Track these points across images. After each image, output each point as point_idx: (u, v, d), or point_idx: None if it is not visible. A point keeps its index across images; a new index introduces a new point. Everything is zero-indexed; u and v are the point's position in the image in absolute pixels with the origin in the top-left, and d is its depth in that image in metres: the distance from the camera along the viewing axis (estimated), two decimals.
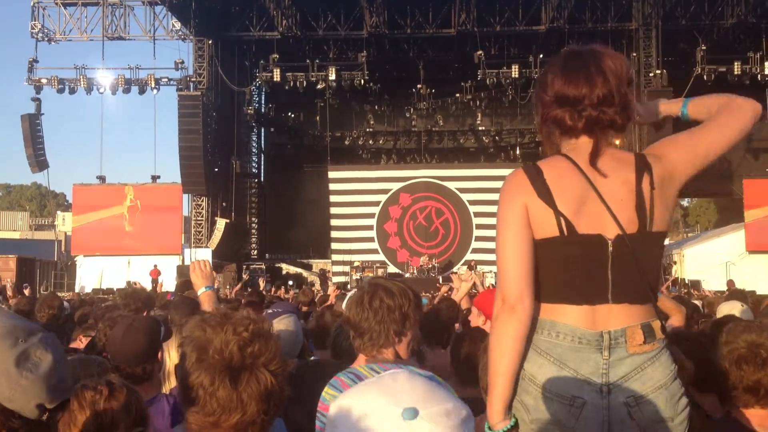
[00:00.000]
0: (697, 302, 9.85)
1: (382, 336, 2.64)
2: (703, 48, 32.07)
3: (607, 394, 2.18)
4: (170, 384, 3.60)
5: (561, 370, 2.20)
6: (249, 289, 15.82)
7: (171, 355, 3.61)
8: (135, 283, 26.86)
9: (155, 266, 31.30)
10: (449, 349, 3.95)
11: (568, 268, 2.26)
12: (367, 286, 2.81)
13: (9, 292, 13.88)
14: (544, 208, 2.27)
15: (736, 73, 31.65)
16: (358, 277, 30.68)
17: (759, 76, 31.91)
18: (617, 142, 2.43)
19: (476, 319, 4.58)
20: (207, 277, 3.67)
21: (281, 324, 3.26)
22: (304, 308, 9.40)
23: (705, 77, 31.70)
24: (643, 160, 2.33)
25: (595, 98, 2.31)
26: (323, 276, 33.58)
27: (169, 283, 28.22)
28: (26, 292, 16.19)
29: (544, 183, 2.29)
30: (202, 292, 3.62)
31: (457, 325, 4.90)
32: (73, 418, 2.27)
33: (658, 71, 32.13)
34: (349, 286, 27.62)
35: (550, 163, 2.36)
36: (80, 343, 6.11)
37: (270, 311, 3.38)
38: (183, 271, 25.95)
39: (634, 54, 32.96)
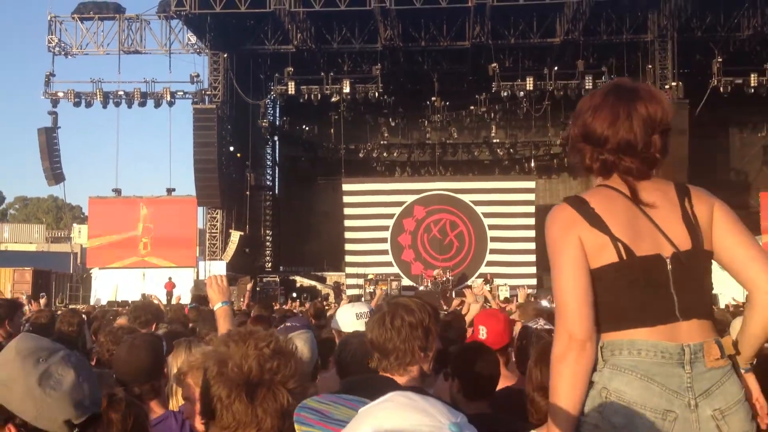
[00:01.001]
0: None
1: (408, 354, 2.65)
2: (719, 60, 31.89)
3: (695, 407, 2.18)
4: (176, 400, 3.57)
5: (650, 384, 2.19)
6: (251, 303, 15.73)
7: (174, 370, 3.59)
8: (151, 296, 26.93)
9: (170, 279, 31.38)
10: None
11: (633, 293, 2.25)
12: (386, 306, 2.80)
13: (27, 306, 13.89)
14: (599, 236, 2.26)
15: (752, 84, 31.46)
16: (371, 290, 30.59)
17: None
18: None
19: (476, 334, 4.44)
20: (223, 293, 3.66)
21: (297, 340, 3.19)
22: (314, 321, 9.35)
23: (721, 89, 31.54)
24: (683, 187, 2.38)
25: (616, 144, 2.32)
26: (337, 289, 33.54)
27: (184, 296, 28.30)
28: (42, 301, 16.23)
29: (593, 211, 2.29)
30: (219, 308, 3.60)
31: None
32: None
33: (674, 83, 31.96)
34: (363, 299, 27.58)
35: (593, 192, 2.37)
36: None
37: (287, 325, 3.33)
38: (199, 286, 26.01)
39: (650, 66, 32.84)
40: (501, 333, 4.34)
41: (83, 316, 8.68)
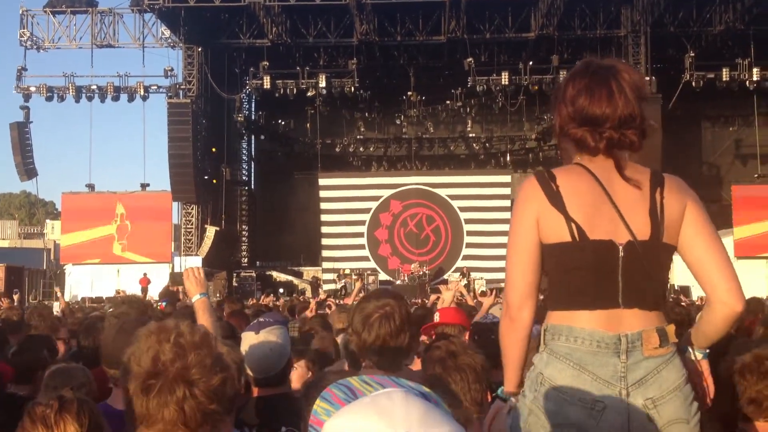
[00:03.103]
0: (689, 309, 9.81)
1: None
2: (692, 55, 32.24)
3: (626, 397, 2.21)
4: None
5: (581, 374, 2.23)
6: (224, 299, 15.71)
7: None
8: (122, 292, 26.73)
9: (144, 274, 31.17)
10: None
11: (579, 274, 2.29)
12: (378, 304, 2.86)
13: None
14: (555, 214, 2.30)
15: (724, 79, 31.83)
16: (342, 285, 30.64)
17: (747, 82, 32.07)
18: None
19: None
20: (201, 284, 3.65)
21: (270, 335, 3.19)
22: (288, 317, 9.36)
23: (693, 84, 31.89)
24: (659, 176, 2.38)
25: (617, 119, 2.33)
26: (315, 284, 33.51)
27: (157, 291, 28.11)
28: (15, 297, 16.06)
29: (556, 189, 2.32)
30: (197, 299, 3.58)
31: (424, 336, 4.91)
32: None
33: (647, 78, 32.20)
34: (342, 293, 27.60)
35: (565, 170, 2.41)
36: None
37: (260, 320, 3.33)
38: (176, 278, 25.84)
39: (623, 61, 33.05)
40: (452, 314, 4.92)
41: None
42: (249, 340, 3.17)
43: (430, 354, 3.07)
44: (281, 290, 31.83)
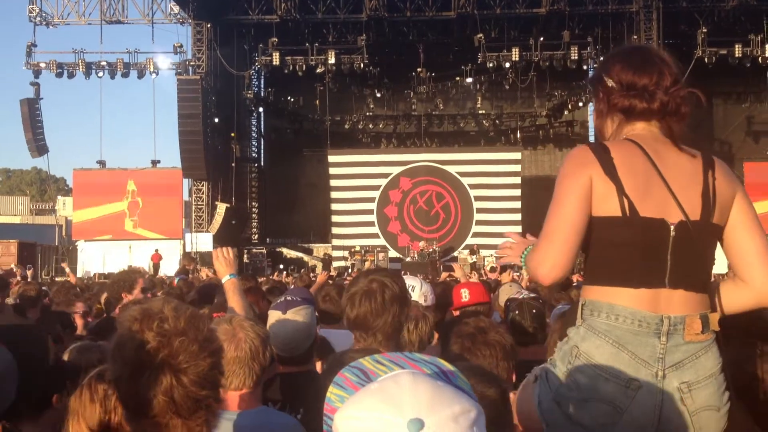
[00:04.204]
0: None
1: (400, 329, 2.78)
2: (704, 30, 31.92)
3: (662, 378, 2.20)
4: None
5: (619, 352, 2.21)
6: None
7: None
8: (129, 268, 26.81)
9: (156, 251, 31.33)
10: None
11: (626, 251, 2.25)
12: (368, 279, 2.84)
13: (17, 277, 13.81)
14: (609, 186, 2.24)
15: (737, 55, 31.53)
16: (352, 263, 30.68)
17: (760, 58, 31.77)
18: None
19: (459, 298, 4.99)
20: (230, 265, 3.67)
21: (297, 315, 3.22)
22: None
23: (706, 60, 31.60)
24: (710, 158, 2.37)
25: (666, 84, 2.35)
26: (327, 260, 33.56)
27: (170, 268, 28.28)
28: (29, 273, 16.18)
29: (611, 161, 2.26)
30: (227, 280, 3.61)
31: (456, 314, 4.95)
32: (82, 409, 2.25)
33: None
34: (349, 270, 27.65)
35: (617, 144, 2.35)
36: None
37: (288, 298, 3.33)
38: (205, 259, 25.82)
39: (635, 36, 32.76)
40: (480, 291, 4.91)
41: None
42: (275, 318, 3.20)
43: (459, 329, 3.11)
44: (291, 267, 31.93)
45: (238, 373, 2.58)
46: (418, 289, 4.58)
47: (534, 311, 4.19)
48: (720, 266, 2.54)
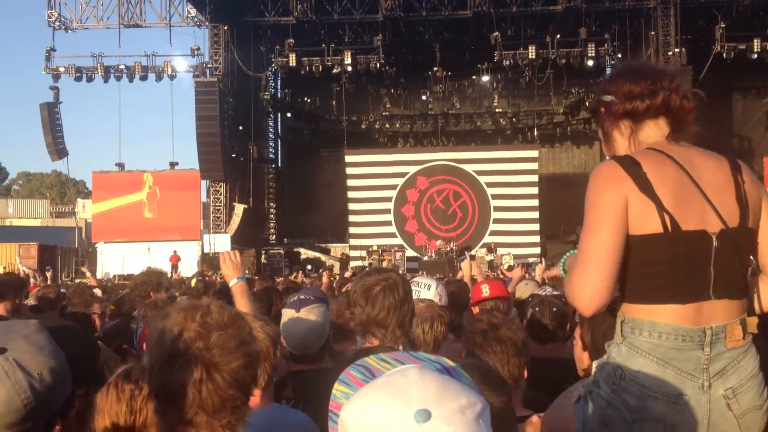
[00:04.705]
0: None
1: (404, 327, 2.76)
2: (722, 25, 31.63)
3: (707, 388, 2.18)
4: None
5: (665, 369, 2.18)
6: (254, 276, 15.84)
7: None
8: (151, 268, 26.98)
9: (175, 252, 31.51)
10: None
11: (670, 268, 2.18)
12: (378, 279, 2.84)
13: (33, 280, 13.93)
14: (647, 203, 2.17)
15: (755, 50, 31.22)
16: (370, 262, 30.67)
17: None
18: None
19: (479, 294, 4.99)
20: (238, 268, 3.66)
21: (311, 314, 3.21)
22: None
23: (724, 55, 31.32)
24: (736, 161, 2.33)
25: (665, 83, 2.34)
26: (345, 260, 33.60)
27: (188, 269, 28.44)
28: (48, 274, 16.30)
29: (645, 175, 2.19)
30: (234, 284, 3.61)
31: (476, 309, 4.93)
32: (108, 407, 2.23)
33: (676, 50, 31.71)
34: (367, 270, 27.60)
35: (645, 155, 2.26)
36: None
37: (301, 297, 3.34)
38: (208, 260, 25.92)
39: (653, 33, 32.57)
40: (500, 287, 4.94)
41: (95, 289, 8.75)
42: (289, 317, 3.21)
43: (472, 326, 3.11)
44: (309, 267, 32.01)
45: None
46: (433, 288, 4.58)
47: (555, 309, 4.14)
48: None
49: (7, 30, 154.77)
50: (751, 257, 2.32)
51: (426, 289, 4.54)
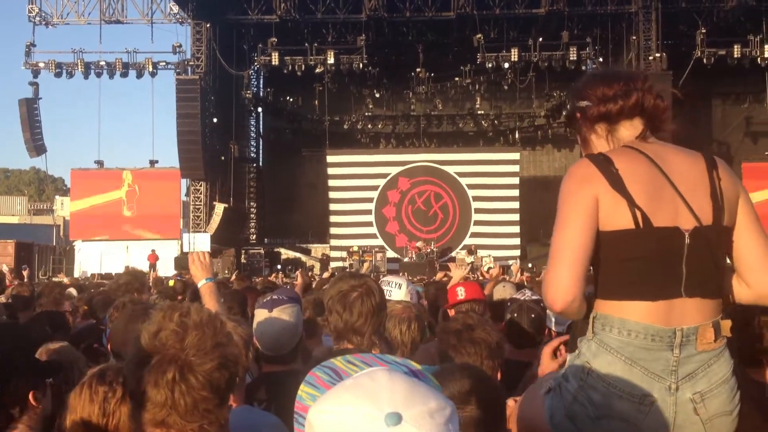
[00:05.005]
0: None
1: (376, 332, 2.73)
2: (703, 31, 31.94)
3: (674, 391, 2.16)
4: None
5: (632, 368, 2.17)
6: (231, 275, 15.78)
7: None
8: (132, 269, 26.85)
9: (153, 251, 31.33)
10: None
11: (642, 264, 2.18)
12: (353, 285, 2.79)
13: (8, 278, 13.78)
14: (618, 199, 2.17)
15: (735, 56, 31.54)
16: (352, 263, 30.66)
17: (759, 59, 31.78)
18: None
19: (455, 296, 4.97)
20: (206, 269, 3.63)
21: (283, 313, 3.18)
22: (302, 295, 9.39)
23: (705, 60, 31.62)
24: (712, 158, 2.32)
25: (638, 84, 2.34)
26: (325, 261, 33.57)
27: (166, 268, 28.27)
28: (25, 273, 16.15)
29: (617, 172, 2.19)
30: (203, 284, 3.58)
31: (451, 311, 4.92)
32: (80, 408, 2.22)
33: (657, 54, 31.96)
34: (348, 270, 27.63)
35: (618, 152, 2.28)
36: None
37: (274, 297, 3.31)
38: (182, 261, 25.77)
39: (634, 37, 32.80)
40: (476, 290, 4.93)
41: (71, 289, 8.64)
42: (262, 317, 3.18)
43: (446, 325, 3.08)
44: (289, 267, 31.92)
45: None
46: (404, 287, 4.56)
47: (533, 315, 4.15)
48: None
49: None
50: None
51: (397, 289, 4.52)
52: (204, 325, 1.73)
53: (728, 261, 2.30)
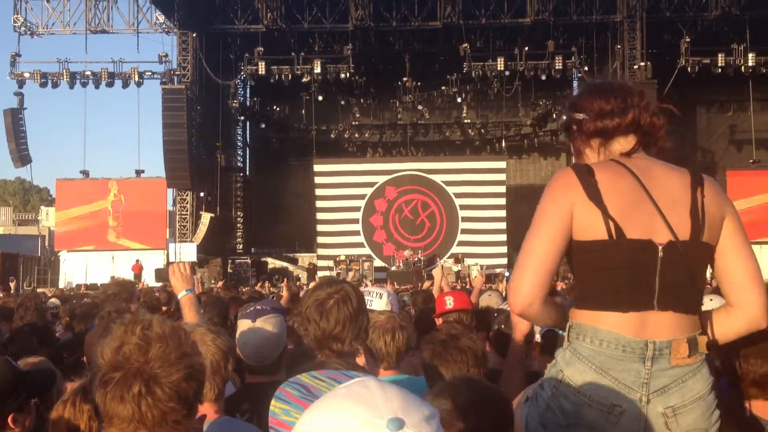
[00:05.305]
0: None
1: (360, 338, 2.70)
2: (687, 40, 32.17)
3: (645, 403, 2.16)
4: None
5: (602, 377, 2.18)
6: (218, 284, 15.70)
7: None
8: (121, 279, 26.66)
9: (137, 261, 31.18)
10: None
11: (613, 274, 2.20)
12: (331, 291, 2.74)
13: None
14: (593, 210, 2.20)
15: (719, 65, 31.77)
16: (339, 271, 30.59)
17: (743, 67, 32.03)
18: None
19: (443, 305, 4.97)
20: (187, 280, 3.60)
21: (267, 324, 3.16)
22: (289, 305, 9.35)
23: (689, 69, 31.84)
24: (699, 176, 2.34)
25: (635, 101, 2.36)
26: (312, 270, 33.49)
27: (152, 278, 28.11)
28: (12, 285, 16.05)
29: (595, 183, 2.23)
30: (183, 296, 3.55)
31: (439, 321, 4.91)
32: (64, 425, 2.21)
33: (642, 63, 32.19)
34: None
35: (602, 165, 2.31)
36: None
37: (257, 307, 3.29)
38: (162, 274, 25.49)
39: (619, 46, 33.02)
40: (465, 299, 4.90)
41: (52, 300, 8.58)
42: (245, 327, 3.15)
43: (431, 335, 3.07)
44: (276, 276, 31.82)
45: None
46: (385, 297, 4.54)
47: None
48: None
49: None
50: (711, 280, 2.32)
51: (378, 298, 4.50)
52: (167, 336, 1.71)
53: (708, 300, 2.32)
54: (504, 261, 32.42)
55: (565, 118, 2.50)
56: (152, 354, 1.67)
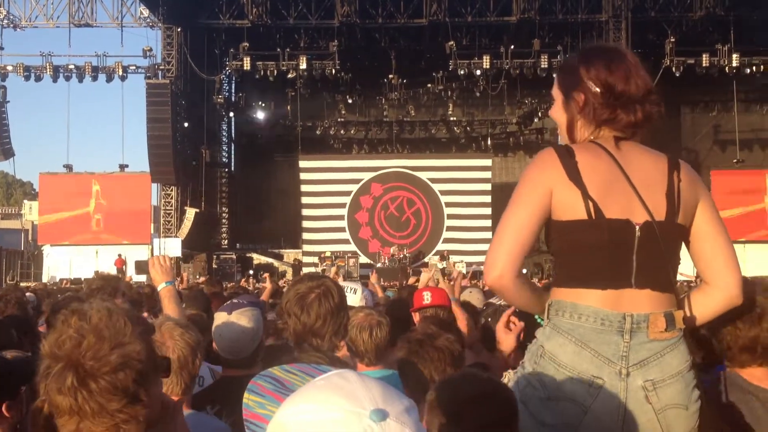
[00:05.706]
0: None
1: (341, 333, 2.70)
2: (672, 40, 32.33)
3: (625, 376, 2.20)
4: None
5: (582, 350, 2.22)
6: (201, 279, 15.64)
7: None
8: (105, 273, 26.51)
9: (119, 256, 31.03)
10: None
11: (593, 253, 2.25)
12: (311, 285, 2.73)
13: None
14: (572, 190, 2.25)
15: (704, 65, 31.96)
16: (323, 268, 30.54)
17: (727, 68, 32.23)
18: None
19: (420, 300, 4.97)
20: (167, 273, 3.59)
21: (243, 317, 3.15)
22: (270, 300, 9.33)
23: (674, 69, 31.99)
24: (676, 160, 2.39)
25: (642, 94, 2.36)
26: (297, 266, 33.44)
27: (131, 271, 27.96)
28: None
29: (575, 164, 2.27)
30: (163, 288, 3.54)
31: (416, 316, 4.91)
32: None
33: None
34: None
35: (582, 147, 2.35)
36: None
37: (234, 301, 3.28)
38: (141, 266, 25.38)
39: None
40: (442, 295, 4.89)
41: (28, 293, 8.52)
42: (220, 321, 3.14)
43: (407, 335, 3.08)
44: (261, 272, 31.73)
45: (166, 381, 2.52)
46: (359, 292, 4.54)
47: None
48: (686, 267, 2.55)
49: None
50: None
51: (352, 294, 4.51)
52: (103, 327, 1.67)
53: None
54: None
55: (572, 65, 2.47)
56: (84, 345, 1.64)
